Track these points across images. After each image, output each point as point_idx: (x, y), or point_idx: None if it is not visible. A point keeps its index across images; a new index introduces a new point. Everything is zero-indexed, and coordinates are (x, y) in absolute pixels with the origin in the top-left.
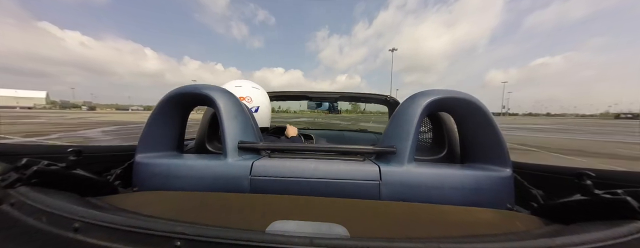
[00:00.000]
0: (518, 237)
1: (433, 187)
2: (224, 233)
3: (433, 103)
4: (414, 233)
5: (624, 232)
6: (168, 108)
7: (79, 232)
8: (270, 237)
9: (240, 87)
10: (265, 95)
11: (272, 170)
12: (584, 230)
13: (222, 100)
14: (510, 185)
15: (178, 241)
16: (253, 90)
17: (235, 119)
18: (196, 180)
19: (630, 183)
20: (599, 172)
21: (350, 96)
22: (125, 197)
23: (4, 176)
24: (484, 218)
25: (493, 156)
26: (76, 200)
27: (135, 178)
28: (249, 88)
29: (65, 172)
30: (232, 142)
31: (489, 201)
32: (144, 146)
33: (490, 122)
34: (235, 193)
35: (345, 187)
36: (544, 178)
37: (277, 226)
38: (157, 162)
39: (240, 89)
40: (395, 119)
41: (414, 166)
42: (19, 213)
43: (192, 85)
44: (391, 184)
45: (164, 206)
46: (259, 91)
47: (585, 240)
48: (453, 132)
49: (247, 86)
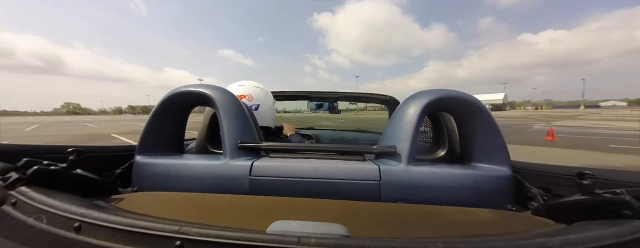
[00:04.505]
0: (518, 237)
1: (433, 187)
2: (225, 233)
3: (433, 103)
4: (414, 233)
5: (624, 231)
6: (168, 108)
7: (79, 232)
8: (271, 237)
9: (243, 85)
10: (268, 95)
11: (272, 170)
12: (585, 229)
13: (222, 100)
14: (510, 185)
15: (178, 241)
16: (254, 89)
17: (235, 119)
18: (196, 181)
19: (630, 182)
20: (599, 172)
21: (350, 96)
22: (125, 197)
23: (4, 176)
24: (484, 218)
25: (493, 156)
26: (76, 200)
27: (135, 179)
28: (250, 86)
29: (66, 172)
30: (232, 142)
31: (489, 201)
32: (144, 146)
33: (491, 121)
34: (235, 194)
35: (345, 187)
36: (544, 178)
37: (277, 226)
38: (157, 162)
39: (241, 87)
40: (395, 119)
41: (414, 166)
42: (19, 213)
43: (192, 85)
44: (391, 184)
45: (164, 206)
46: (260, 90)
47: (586, 240)
48: (453, 132)
49: (248, 85)
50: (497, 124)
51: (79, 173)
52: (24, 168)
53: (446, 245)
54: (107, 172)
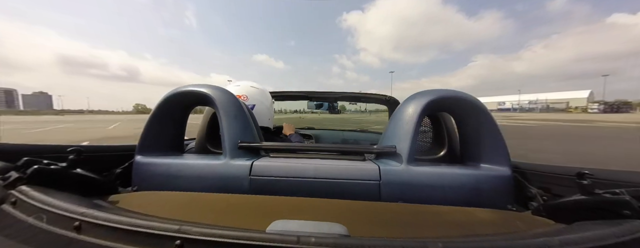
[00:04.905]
0: (518, 237)
1: (433, 186)
2: (225, 232)
3: (433, 103)
4: (414, 233)
5: (624, 231)
6: (168, 108)
7: (79, 231)
8: (270, 236)
9: (239, 86)
10: (265, 94)
11: (271, 170)
12: (585, 229)
13: (222, 100)
14: (510, 185)
15: (178, 240)
16: (250, 89)
17: (235, 119)
18: (196, 180)
19: (630, 182)
20: (599, 172)
21: (350, 96)
22: (125, 196)
23: (4, 176)
24: (484, 218)
25: (493, 156)
26: (76, 200)
27: (135, 178)
28: (246, 86)
29: (66, 172)
30: (232, 142)
31: (489, 201)
32: (144, 146)
33: (490, 121)
34: (235, 194)
35: (345, 186)
36: (544, 178)
37: (277, 226)
38: (157, 162)
39: (237, 88)
40: (395, 119)
41: (414, 166)
42: (19, 212)
43: (192, 84)
44: (391, 184)
45: (164, 206)
46: (256, 90)
47: (586, 240)
48: (453, 132)
49: (244, 85)
50: (497, 124)
51: (79, 173)
52: (24, 168)
53: (446, 245)
54: (107, 171)
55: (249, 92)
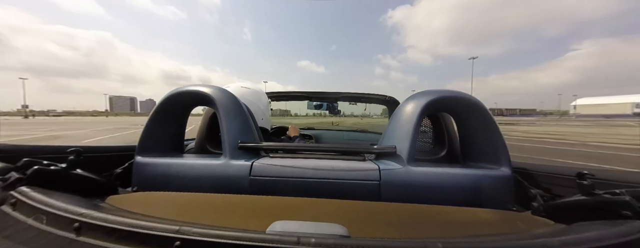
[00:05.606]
0: (518, 237)
1: (433, 187)
2: (224, 233)
3: (433, 103)
4: (414, 233)
5: (624, 231)
6: (168, 108)
7: (79, 232)
8: (270, 237)
9: (228, 87)
10: (259, 95)
11: (271, 171)
12: (585, 229)
13: (222, 100)
14: (510, 185)
15: (178, 241)
16: (240, 89)
17: (235, 119)
18: (196, 181)
19: (630, 183)
20: (599, 172)
21: (350, 96)
22: (125, 197)
23: (4, 176)
24: (484, 218)
25: (493, 156)
26: (76, 200)
27: (135, 179)
28: (236, 87)
29: (65, 172)
30: (232, 142)
31: (489, 201)
32: (144, 146)
33: (491, 121)
34: (235, 194)
35: (345, 187)
36: (544, 178)
37: (277, 226)
38: (157, 162)
39: (227, 89)
40: (395, 119)
41: (414, 166)
42: (19, 213)
43: (192, 85)
44: (391, 184)
45: (164, 206)
46: (248, 90)
47: (586, 240)
48: (453, 132)
49: (234, 86)
50: (497, 124)
51: (79, 174)
52: (24, 168)
53: (446, 245)
54: (107, 172)
55: (239, 93)
